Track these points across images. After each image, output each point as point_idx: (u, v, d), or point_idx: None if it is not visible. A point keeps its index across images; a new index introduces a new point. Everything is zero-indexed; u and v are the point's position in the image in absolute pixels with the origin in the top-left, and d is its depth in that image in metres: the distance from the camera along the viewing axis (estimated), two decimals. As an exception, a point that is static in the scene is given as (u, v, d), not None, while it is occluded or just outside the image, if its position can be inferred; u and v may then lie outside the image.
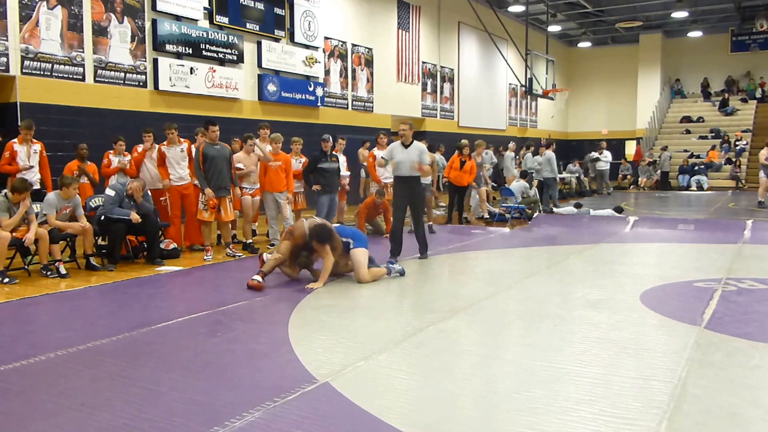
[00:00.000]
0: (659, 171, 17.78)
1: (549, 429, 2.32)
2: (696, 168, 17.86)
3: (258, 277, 4.85)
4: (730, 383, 2.79)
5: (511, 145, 13.40)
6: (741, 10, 19.80)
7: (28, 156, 6.20)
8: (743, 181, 17.22)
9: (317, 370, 2.94)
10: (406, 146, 5.96)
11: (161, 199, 6.89)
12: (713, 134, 20.32)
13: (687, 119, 21.73)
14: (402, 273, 5.25)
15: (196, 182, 6.81)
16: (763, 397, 2.64)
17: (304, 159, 7.67)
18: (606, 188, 16.01)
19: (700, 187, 17.16)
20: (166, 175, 6.68)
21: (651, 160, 18.35)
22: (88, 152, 6.94)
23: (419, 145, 6.08)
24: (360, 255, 4.95)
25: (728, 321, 3.83)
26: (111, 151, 7.00)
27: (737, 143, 19.06)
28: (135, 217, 5.82)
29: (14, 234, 5.26)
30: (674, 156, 18.92)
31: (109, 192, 5.92)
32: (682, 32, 22.43)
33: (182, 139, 6.87)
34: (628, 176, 18.77)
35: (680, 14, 19.98)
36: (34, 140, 6.32)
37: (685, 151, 19.57)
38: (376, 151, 8.64)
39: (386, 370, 3.01)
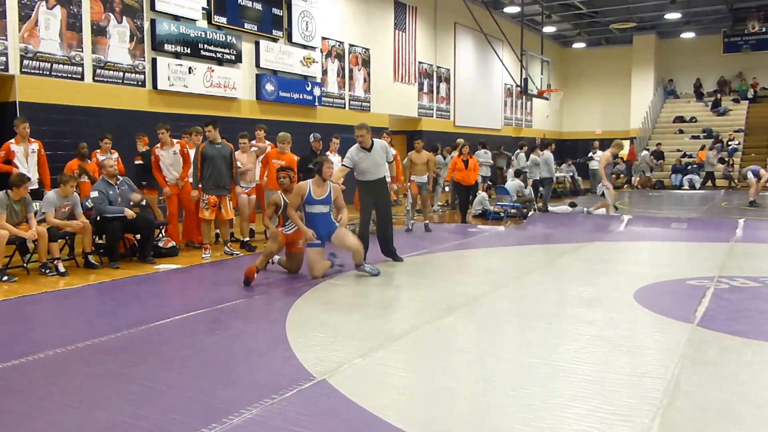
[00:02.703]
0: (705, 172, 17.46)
1: (544, 425, 2.34)
2: (689, 167, 18.01)
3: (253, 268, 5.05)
4: (723, 380, 2.83)
5: (525, 147, 13.54)
6: (733, 11, 19.96)
7: (25, 156, 6.17)
8: (735, 181, 17.38)
9: (314, 368, 2.96)
10: (369, 150, 5.70)
11: (159, 198, 6.88)
12: (706, 134, 20.48)
13: (680, 119, 21.88)
14: (375, 273, 5.18)
15: (192, 180, 6.83)
16: (754, 394, 2.68)
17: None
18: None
19: (692, 186, 17.31)
20: (163, 180, 6.67)
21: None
22: (89, 151, 6.93)
23: (381, 144, 5.81)
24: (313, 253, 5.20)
25: (720, 318, 3.87)
26: (98, 151, 6.98)
27: (729, 143, 19.22)
28: (129, 213, 5.83)
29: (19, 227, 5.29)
30: (667, 155, 19.06)
31: (93, 193, 5.91)
32: (675, 33, 22.58)
33: (175, 141, 6.86)
34: (622, 175, 18.91)
35: (673, 15, 20.12)
36: (32, 139, 6.30)
37: (678, 150, 19.72)
38: None
39: (383, 367, 3.04)
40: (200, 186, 6.18)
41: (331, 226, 5.19)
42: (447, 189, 11.69)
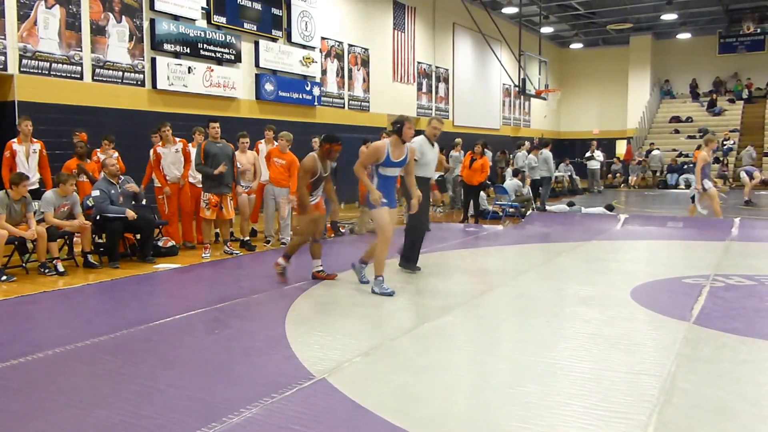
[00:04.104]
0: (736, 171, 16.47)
1: (542, 423, 2.36)
2: (685, 167, 18.11)
3: (282, 261, 4.90)
4: (718, 377, 2.86)
5: (526, 144, 13.63)
6: (728, 12, 20.08)
7: (27, 156, 6.17)
8: (730, 180, 17.46)
9: (314, 367, 2.97)
10: (432, 145, 5.36)
11: (159, 197, 6.88)
12: (701, 134, 20.57)
13: (676, 119, 22.00)
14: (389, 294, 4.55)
15: (192, 180, 6.83)
16: (749, 391, 2.71)
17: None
18: (597, 186, 16.29)
19: (688, 186, 17.40)
20: (163, 178, 6.67)
21: (641, 159, 18.61)
22: (88, 150, 6.93)
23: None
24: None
25: (716, 316, 3.90)
26: (98, 149, 6.98)
27: (725, 143, 19.31)
28: (131, 214, 5.83)
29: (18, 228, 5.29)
30: (663, 155, 19.14)
31: (95, 192, 5.91)
32: (671, 34, 22.68)
33: (177, 139, 6.86)
34: (618, 175, 19.00)
35: (669, 16, 20.21)
36: (34, 139, 6.29)
37: (674, 150, 19.81)
38: None
39: (382, 366, 3.06)
40: (214, 172, 6.04)
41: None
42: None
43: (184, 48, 9.47)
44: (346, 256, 5.43)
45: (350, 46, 13.23)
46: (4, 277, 5.14)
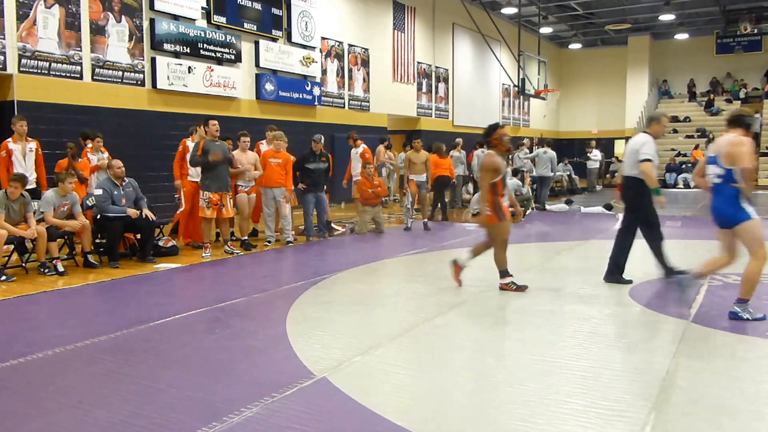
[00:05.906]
0: None
1: (541, 421, 2.37)
2: (683, 166, 18.17)
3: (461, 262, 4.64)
4: (717, 375, 2.87)
5: (526, 141, 13.72)
6: (726, 13, 20.12)
7: (23, 154, 6.17)
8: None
9: (315, 366, 2.98)
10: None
11: (175, 197, 6.87)
12: (699, 134, 20.65)
13: (674, 119, 22.03)
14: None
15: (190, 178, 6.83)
16: (747, 389, 2.72)
17: (292, 158, 7.78)
18: (595, 185, 16.40)
19: (686, 185, 17.47)
20: (184, 170, 6.66)
21: None
22: (77, 150, 6.91)
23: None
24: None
25: (714, 315, 3.92)
26: (88, 149, 6.97)
27: (723, 143, 19.35)
28: (133, 212, 5.83)
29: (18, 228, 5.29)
30: (661, 155, 19.19)
31: (97, 191, 5.91)
32: (669, 34, 22.73)
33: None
34: (617, 174, 19.03)
35: (667, 17, 20.26)
36: (29, 138, 6.30)
37: (672, 149, 19.86)
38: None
39: (383, 365, 3.07)
40: (210, 158, 6.06)
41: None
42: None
43: (184, 48, 9.47)
44: (345, 257, 5.44)
45: (350, 46, 13.23)
46: (4, 277, 5.13)
